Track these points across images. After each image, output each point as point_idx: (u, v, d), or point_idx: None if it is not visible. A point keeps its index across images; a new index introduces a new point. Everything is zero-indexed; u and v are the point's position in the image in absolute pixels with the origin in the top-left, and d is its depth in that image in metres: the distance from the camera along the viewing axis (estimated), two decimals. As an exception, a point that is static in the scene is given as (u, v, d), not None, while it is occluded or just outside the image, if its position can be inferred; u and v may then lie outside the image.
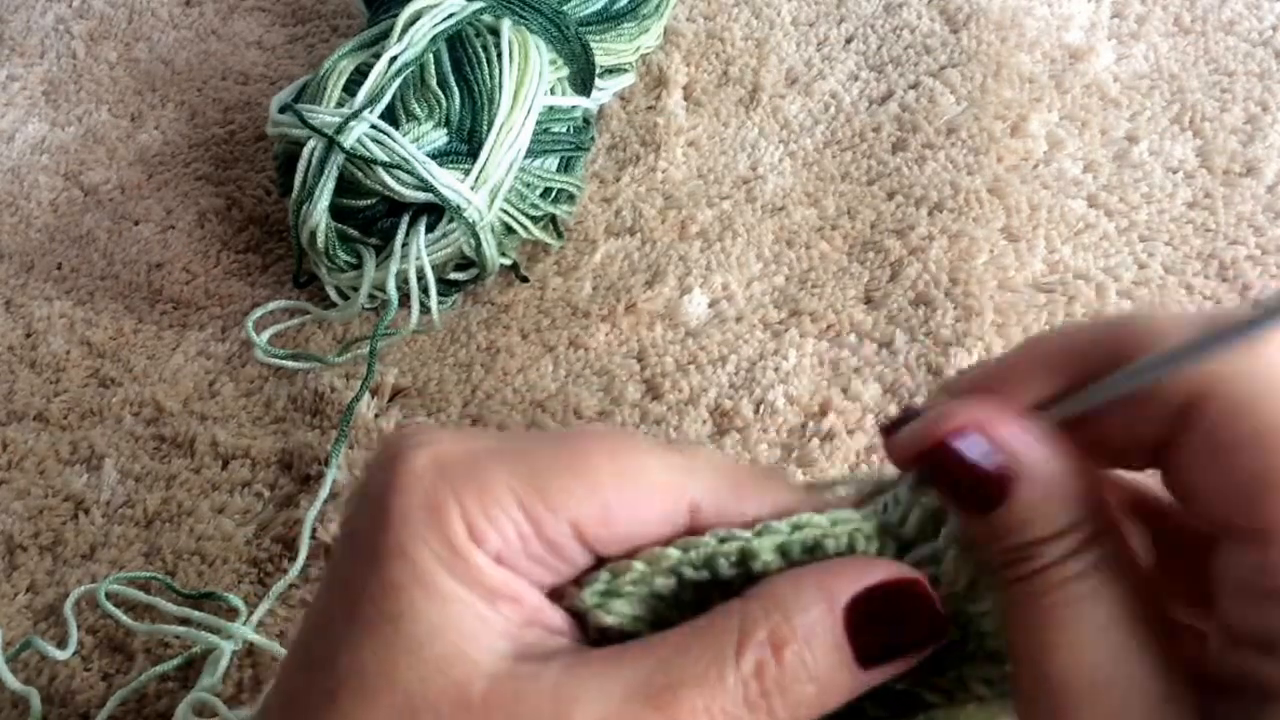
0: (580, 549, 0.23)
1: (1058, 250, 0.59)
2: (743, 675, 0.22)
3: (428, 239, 0.57)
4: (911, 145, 0.65)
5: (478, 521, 0.22)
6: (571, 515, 0.23)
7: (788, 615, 0.22)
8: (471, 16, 0.61)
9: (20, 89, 0.78)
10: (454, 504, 0.22)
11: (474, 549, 0.22)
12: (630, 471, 0.23)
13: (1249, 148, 0.63)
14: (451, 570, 0.22)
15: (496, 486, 0.22)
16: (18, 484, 0.56)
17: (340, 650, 0.22)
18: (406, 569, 0.22)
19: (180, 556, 0.52)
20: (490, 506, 0.22)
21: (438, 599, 0.22)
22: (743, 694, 0.21)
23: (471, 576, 0.22)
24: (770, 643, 0.22)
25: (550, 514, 0.23)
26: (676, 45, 0.73)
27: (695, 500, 0.24)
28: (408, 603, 0.22)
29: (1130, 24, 0.71)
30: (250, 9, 0.82)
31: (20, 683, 0.48)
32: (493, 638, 0.22)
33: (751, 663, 0.22)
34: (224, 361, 0.60)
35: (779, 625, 0.22)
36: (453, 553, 0.22)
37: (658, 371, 0.56)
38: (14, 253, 0.68)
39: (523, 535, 0.23)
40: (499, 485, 0.22)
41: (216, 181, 0.70)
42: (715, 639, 0.22)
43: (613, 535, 0.23)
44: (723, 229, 0.63)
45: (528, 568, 0.23)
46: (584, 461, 0.23)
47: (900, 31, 0.72)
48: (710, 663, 0.22)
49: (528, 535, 0.23)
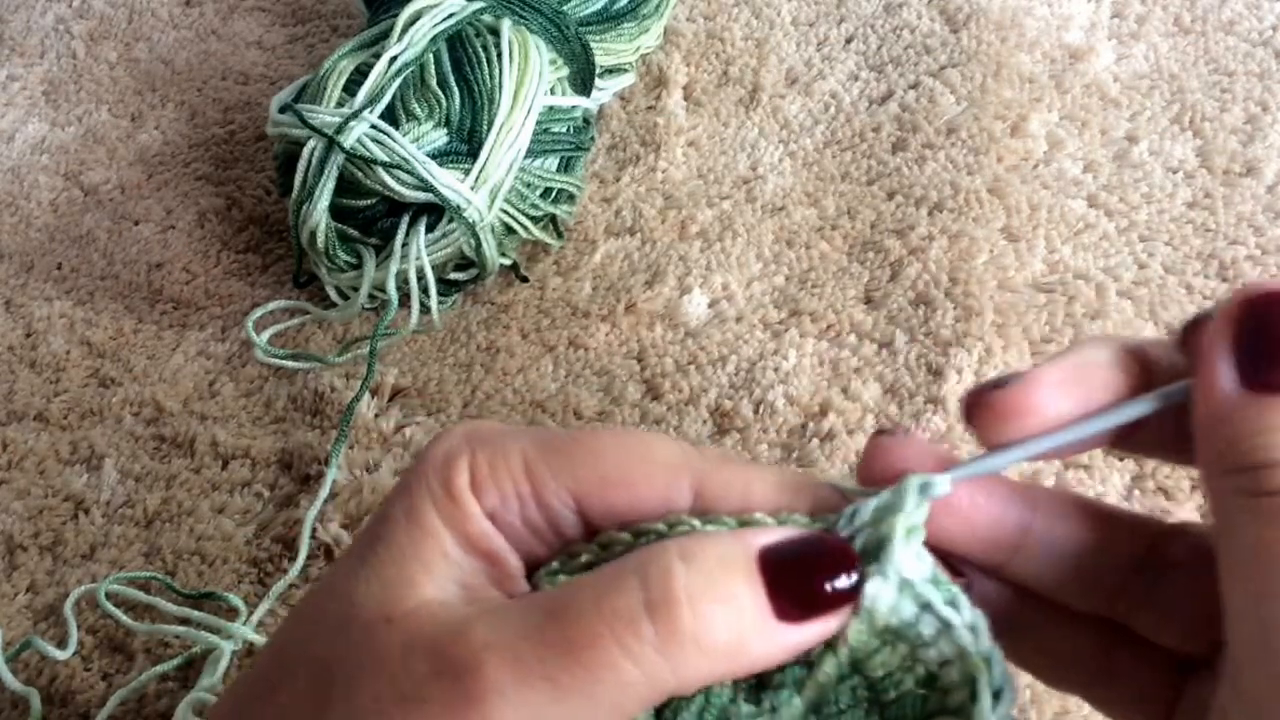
0: (576, 522, 0.24)
1: (1058, 250, 0.59)
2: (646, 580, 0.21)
3: (428, 239, 0.57)
4: (911, 145, 0.65)
5: (481, 474, 0.23)
6: (570, 481, 0.23)
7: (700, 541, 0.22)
8: (471, 16, 0.61)
9: (20, 89, 0.78)
10: (465, 457, 0.23)
11: (469, 497, 0.23)
12: (634, 448, 0.24)
13: (1249, 148, 0.63)
14: (439, 509, 0.23)
15: (509, 448, 0.23)
16: (18, 484, 0.56)
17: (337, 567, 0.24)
18: (403, 503, 0.23)
19: (180, 556, 0.52)
20: (497, 463, 0.23)
21: (416, 530, 0.23)
22: (643, 596, 0.21)
23: (455, 519, 0.23)
24: (679, 555, 0.21)
25: (552, 478, 0.23)
26: (676, 45, 0.73)
27: (697, 484, 0.24)
28: (391, 530, 0.23)
29: (1130, 24, 0.71)
30: (250, 9, 0.82)
31: (20, 683, 0.48)
32: (447, 578, 0.23)
33: (659, 570, 0.21)
34: (224, 361, 0.60)
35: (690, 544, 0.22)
36: (447, 495, 0.23)
37: (658, 371, 0.56)
38: (14, 253, 0.68)
39: (521, 496, 0.23)
40: (511, 448, 0.23)
41: (216, 181, 0.70)
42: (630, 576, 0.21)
43: (609, 508, 0.23)
44: (723, 229, 0.63)
45: (521, 534, 0.23)
46: (593, 438, 0.24)
47: (900, 31, 0.72)
48: (613, 574, 0.21)
49: (525, 496, 0.23)
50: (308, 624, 0.24)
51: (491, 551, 0.23)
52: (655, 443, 0.24)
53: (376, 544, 0.23)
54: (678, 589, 0.21)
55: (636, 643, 0.20)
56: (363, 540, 0.24)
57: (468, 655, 0.20)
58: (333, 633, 0.22)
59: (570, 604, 0.21)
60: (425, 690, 0.20)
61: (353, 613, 0.22)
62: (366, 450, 0.55)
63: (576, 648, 0.20)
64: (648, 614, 0.20)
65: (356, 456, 0.54)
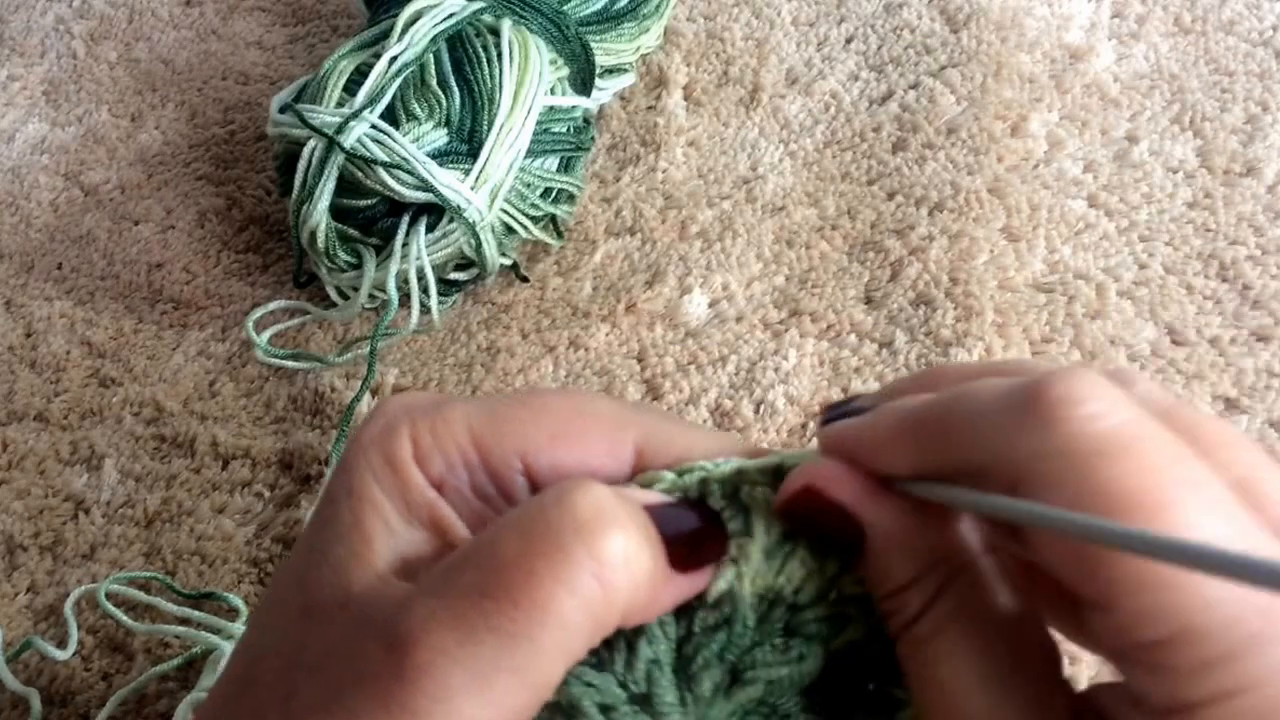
0: (525, 485, 0.23)
1: (1058, 250, 0.59)
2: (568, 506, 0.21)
3: (428, 239, 0.57)
4: (911, 145, 0.65)
5: (424, 443, 0.23)
6: (518, 443, 0.23)
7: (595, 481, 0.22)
8: (471, 16, 0.61)
9: (20, 89, 0.78)
10: (406, 428, 0.23)
11: (411, 466, 0.23)
12: (579, 406, 0.24)
13: (1249, 148, 0.63)
14: (380, 480, 0.23)
15: (452, 416, 0.23)
16: (18, 484, 0.56)
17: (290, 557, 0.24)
18: (344, 479, 0.23)
19: (180, 556, 0.52)
20: (440, 431, 0.23)
21: (357, 505, 0.23)
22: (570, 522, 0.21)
23: (397, 488, 0.23)
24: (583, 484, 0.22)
25: (498, 442, 0.23)
26: (676, 45, 0.73)
27: (640, 439, 0.24)
28: (334, 510, 0.23)
29: (1130, 24, 0.71)
30: (250, 9, 0.82)
31: (20, 683, 0.48)
32: (392, 551, 0.23)
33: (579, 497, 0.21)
34: (224, 361, 0.60)
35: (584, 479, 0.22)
36: (388, 466, 0.23)
37: (658, 372, 0.56)
38: (14, 253, 0.68)
39: (469, 464, 0.23)
40: (455, 416, 0.23)
41: (216, 181, 0.70)
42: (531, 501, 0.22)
43: (558, 466, 0.23)
44: (723, 229, 0.63)
45: (469, 502, 0.23)
46: (537, 399, 0.24)
47: (900, 31, 0.72)
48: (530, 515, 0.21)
49: (474, 464, 0.23)
50: (272, 617, 0.24)
51: (437, 519, 0.23)
52: (598, 399, 0.24)
53: (323, 527, 0.23)
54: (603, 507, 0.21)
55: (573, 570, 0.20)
56: (313, 523, 0.24)
57: (413, 626, 0.21)
58: (294, 623, 0.23)
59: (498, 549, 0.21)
60: (378, 667, 0.21)
61: (308, 601, 0.23)
62: (366, 450, 0.55)
63: (515, 591, 0.20)
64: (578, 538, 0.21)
65: (357, 456, 0.54)
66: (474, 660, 0.20)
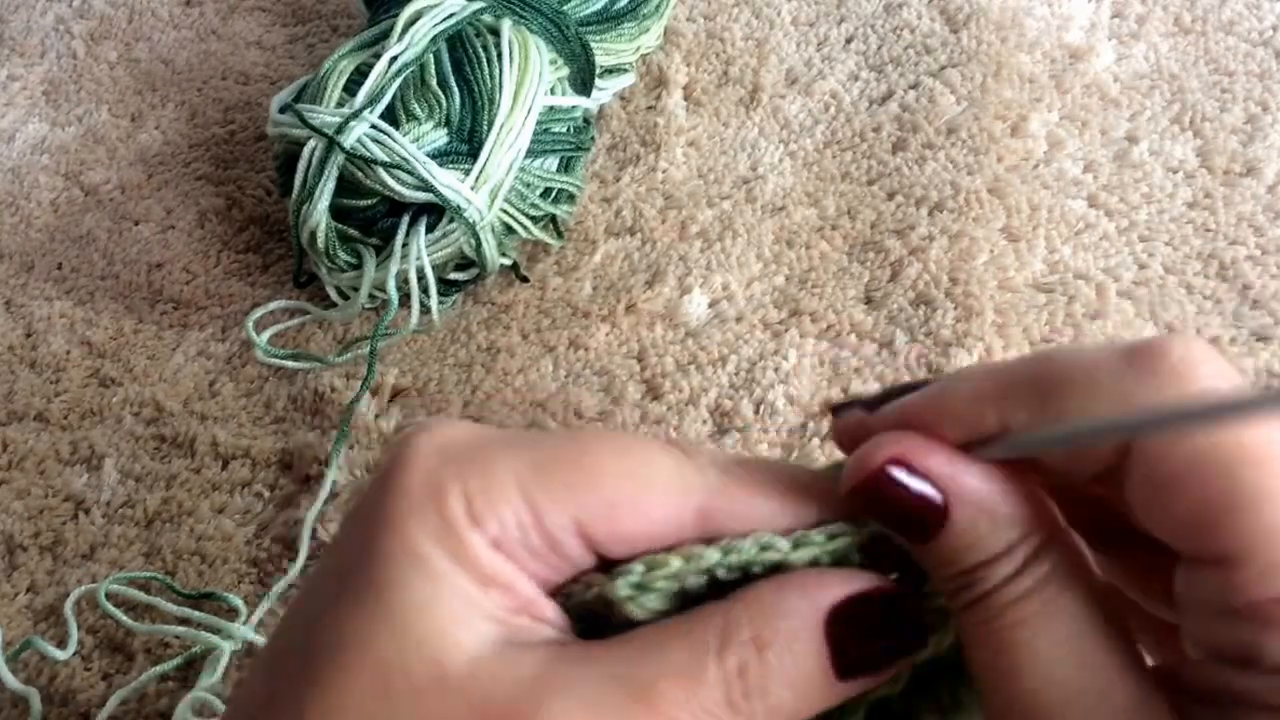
0: (580, 546, 0.23)
1: (1058, 250, 0.59)
2: (725, 673, 0.21)
3: (428, 239, 0.57)
4: (911, 145, 0.65)
5: (477, 504, 0.22)
6: (574, 509, 0.22)
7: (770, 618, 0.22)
8: (471, 16, 0.61)
9: (20, 89, 0.78)
10: (456, 484, 0.22)
11: (470, 531, 0.22)
12: (637, 470, 0.23)
13: (1249, 148, 0.63)
14: (445, 548, 0.21)
15: (500, 472, 0.22)
16: (18, 484, 0.56)
17: (324, 615, 0.22)
18: (399, 542, 0.22)
19: (180, 556, 0.52)
20: (492, 491, 0.22)
21: (427, 575, 0.21)
22: (724, 692, 0.21)
23: (465, 557, 0.22)
24: (753, 643, 0.22)
25: (553, 506, 0.22)
26: (676, 45, 0.73)
27: (703, 504, 0.23)
28: (397, 574, 0.21)
29: (1130, 24, 0.70)
30: (250, 9, 0.82)
31: (20, 683, 0.48)
32: (479, 620, 0.22)
33: (734, 661, 0.21)
34: (224, 361, 0.60)
35: (762, 627, 0.22)
36: (448, 532, 0.22)
37: (658, 372, 0.56)
38: (14, 253, 0.68)
39: (522, 524, 0.22)
40: (503, 471, 0.22)
41: (216, 181, 0.70)
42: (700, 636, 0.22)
43: (615, 535, 0.23)
44: (723, 229, 0.63)
45: (525, 559, 0.22)
46: (592, 457, 0.23)
47: (900, 31, 0.72)
48: (693, 658, 0.21)
49: (527, 525, 0.22)
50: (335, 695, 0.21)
51: (504, 581, 0.22)
52: (654, 459, 0.23)
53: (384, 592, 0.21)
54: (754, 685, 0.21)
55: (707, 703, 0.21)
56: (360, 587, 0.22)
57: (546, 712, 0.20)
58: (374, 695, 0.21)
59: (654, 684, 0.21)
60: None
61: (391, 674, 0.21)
62: (367, 450, 0.55)
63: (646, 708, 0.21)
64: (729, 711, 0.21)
65: (357, 457, 0.54)
66: None
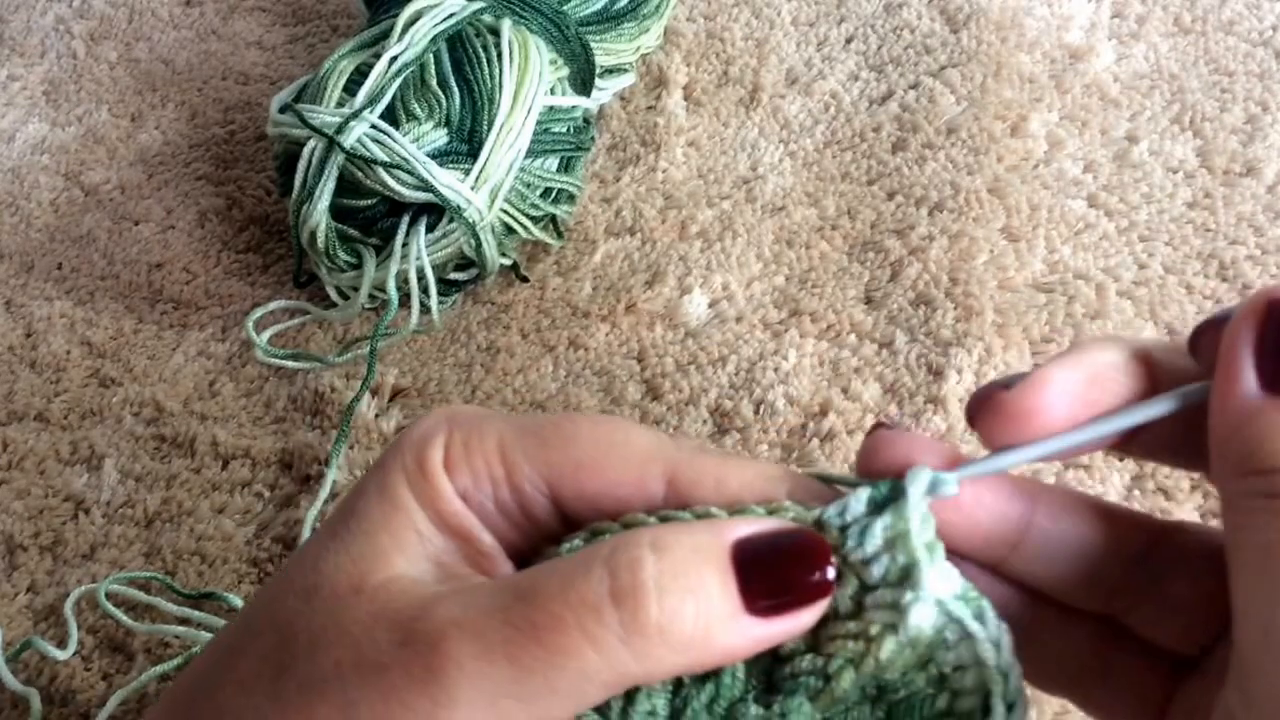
0: (547, 506, 0.23)
1: (1058, 250, 0.59)
2: (613, 566, 0.21)
3: (428, 239, 0.58)
4: (911, 145, 0.65)
5: (455, 454, 0.23)
6: (543, 465, 0.23)
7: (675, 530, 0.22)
8: (471, 16, 0.61)
9: (20, 89, 0.78)
10: (441, 435, 0.23)
11: (441, 474, 0.23)
12: (609, 435, 0.24)
13: (1249, 148, 0.63)
14: (412, 486, 0.23)
15: (486, 432, 0.23)
16: (18, 484, 0.56)
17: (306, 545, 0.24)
18: (376, 479, 0.24)
19: (180, 556, 0.52)
20: (472, 444, 0.23)
21: (389, 505, 0.23)
22: (609, 584, 0.20)
23: (428, 497, 0.23)
24: (650, 545, 0.21)
25: (524, 462, 0.23)
26: (676, 45, 0.73)
27: (672, 472, 0.23)
28: (363, 505, 0.23)
29: (1130, 24, 0.71)
30: (250, 9, 0.82)
31: (20, 683, 0.48)
32: (422, 558, 0.23)
33: (627, 557, 0.21)
34: (224, 361, 0.60)
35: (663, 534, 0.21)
36: (420, 472, 0.23)
37: (658, 372, 0.56)
38: (14, 253, 0.68)
39: (494, 478, 0.23)
40: (488, 432, 0.23)
41: (216, 181, 0.70)
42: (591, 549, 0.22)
43: (581, 493, 0.23)
44: (723, 229, 0.63)
45: (492, 516, 0.23)
46: (570, 425, 0.24)
47: (900, 31, 0.72)
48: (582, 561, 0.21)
49: (499, 479, 0.23)
50: (274, 594, 0.23)
51: (464, 530, 0.23)
52: (631, 430, 0.24)
53: (349, 518, 0.23)
54: (645, 578, 0.20)
55: (601, 630, 0.20)
56: (336, 516, 0.24)
57: (431, 629, 0.20)
58: (298, 600, 0.22)
59: (538, 587, 0.21)
60: (386, 658, 0.21)
61: (319, 582, 0.22)
62: (367, 450, 0.55)
63: (540, 630, 0.20)
64: (613, 602, 0.20)
65: (357, 457, 0.54)
66: (485, 679, 0.20)
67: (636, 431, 0.24)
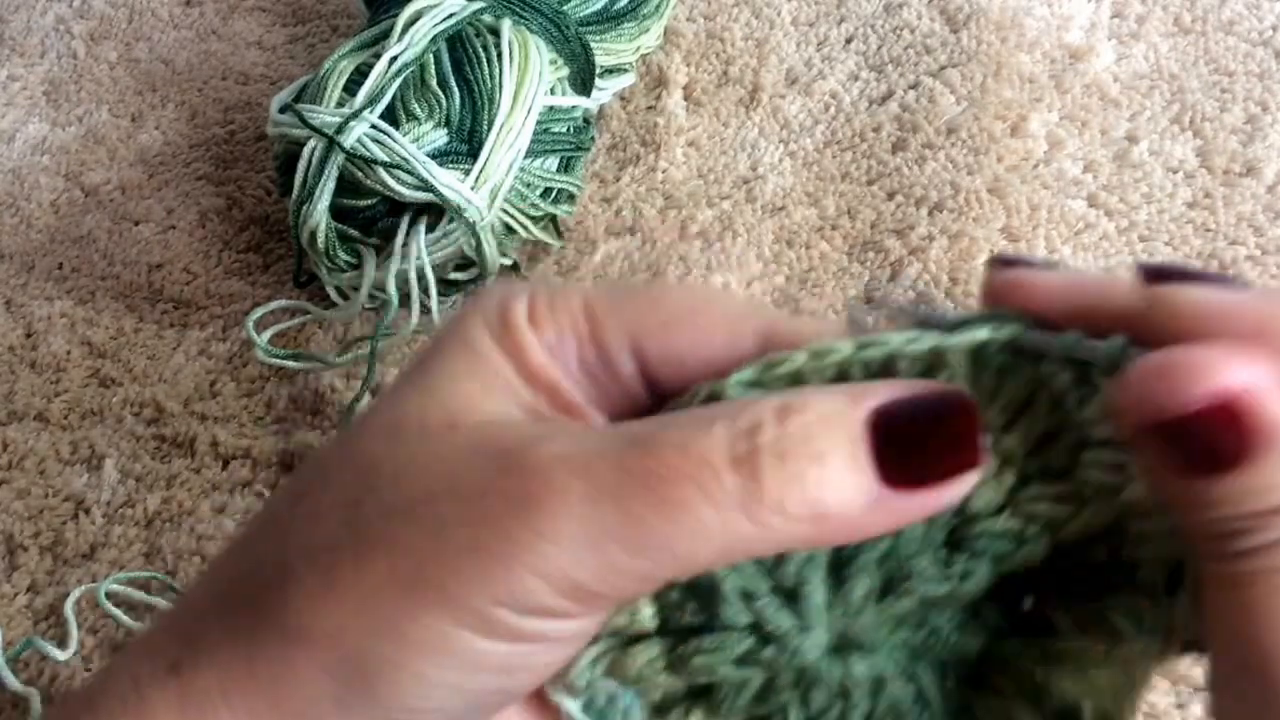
0: (633, 367, 0.22)
1: (1058, 250, 0.59)
2: (734, 428, 0.19)
3: (428, 239, 0.58)
4: (911, 145, 0.65)
5: (540, 310, 0.22)
6: (630, 325, 0.22)
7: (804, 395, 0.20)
8: (471, 16, 0.61)
9: (20, 89, 0.78)
10: (524, 295, 0.22)
11: (527, 329, 0.22)
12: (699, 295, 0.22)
13: (1249, 148, 0.63)
14: (497, 338, 0.22)
15: (570, 292, 0.22)
16: (18, 484, 0.56)
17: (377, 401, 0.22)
18: (458, 334, 0.22)
19: (181, 556, 0.52)
20: (556, 302, 0.22)
21: (473, 355, 0.22)
22: (729, 445, 0.19)
23: (516, 351, 0.21)
24: (776, 411, 0.19)
25: (610, 320, 0.22)
26: (676, 45, 0.73)
27: (765, 331, 0.22)
28: (446, 356, 0.22)
29: (1130, 24, 0.71)
30: (250, 9, 0.82)
31: (21, 683, 0.48)
32: (511, 404, 0.21)
33: (749, 420, 0.19)
34: (224, 361, 0.60)
35: (791, 399, 0.19)
36: (504, 326, 0.22)
37: (658, 371, 0.56)
38: (14, 253, 0.68)
39: (579, 334, 0.22)
40: (572, 292, 0.22)
41: (217, 181, 0.70)
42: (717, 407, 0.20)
43: (669, 351, 0.22)
44: (723, 229, 0.63)
45: (577, 375, 0.22)
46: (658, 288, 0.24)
47: (900, 31, 0.72)
48: (704, 417, 0.20)
49: (584, 336, 0.22)
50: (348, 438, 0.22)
51: (552, 383, 0.21)
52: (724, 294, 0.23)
53: (430, 368, 0.22)
54: (764, 443, 0.19)
55: (719, 491, 0.19)
56: (413, 368, 0.22)
57: (539, 461, 0.19)
58: (380, 439, 0.21)
59: (656, 436, 0.19)
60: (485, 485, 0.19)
61: (405, 420, 0.21)
62: (367, 450, 0.55)
63: (655, 479, 0.19)
64: (731, 465, 0.19)
65: (357, 456, 0.54)
66: (592, 520, 0.19)
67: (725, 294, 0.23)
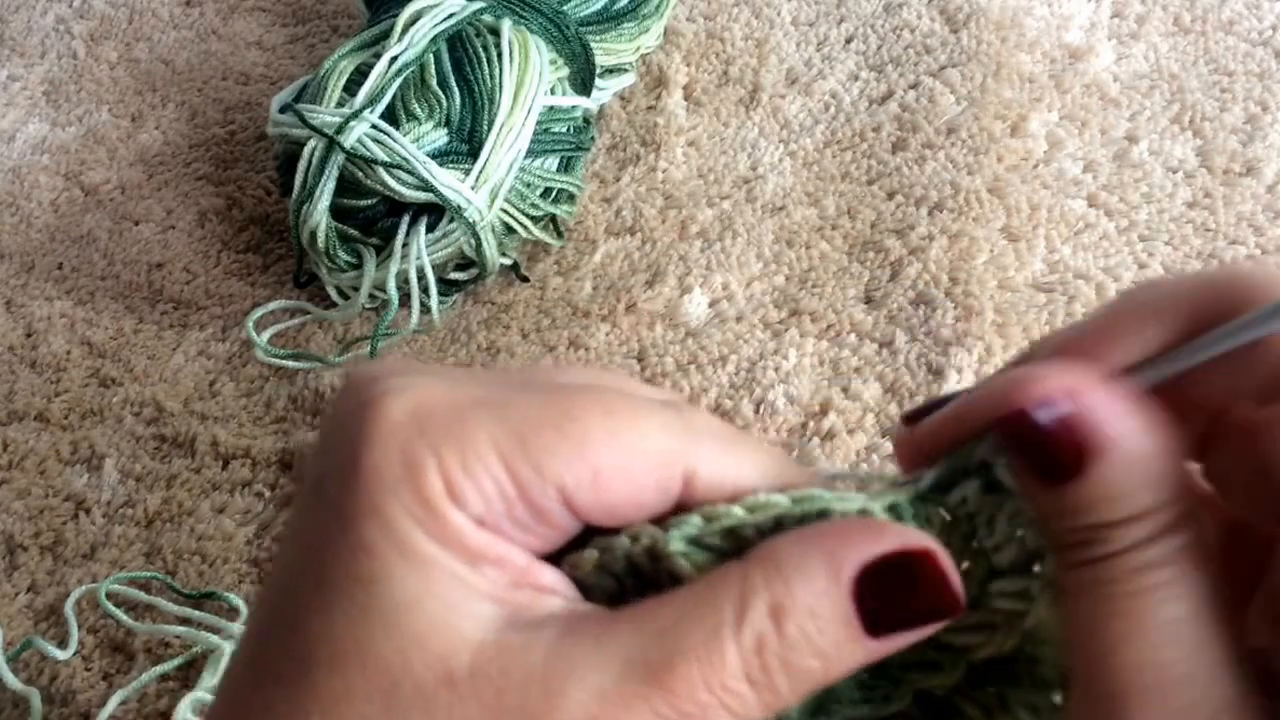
0: (567, 515, 0.21)
1: (1058, 250, 0.59)
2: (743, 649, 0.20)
3: (428, 239, 0.58)
4: (911, 145, 0.65)
5: (457, 479, 0.20)
6: (558, 478, 0.21)
7: (790, 585, 0.21)
8: (471, 16, 0.61)
9: (21, 89, 0.78)
10: (432, 460, 0.20)
11: (452, 509, 0.20)
12: (624, 433, 0.21)
13: (1249, 148, 0.63)
14: (428, 531, 0.20)
15: (479, 442, 0.20)
16: (18, 484, 0.56)
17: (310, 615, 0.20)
18: (379, 529, 0.20)
19: (181, 556, 0.52)
20: (471, 464, 0.20)
21: (415, 562, 0.20)
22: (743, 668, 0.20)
23: (450, 538, 0.20)
24: (771, 615, 0.20)
25: (536, 476, 0.21)
26: (676, 45, 0.73)
27: (691, 469, 0.22)
28: (381, 566, 0.20)
29: (1130, 24, 0.71)
30: (250, 9, 0.82)
31: (21, 683, 0.48)
32: (476, 603, 0.20)
33: (752, 636, 0.20)
34: (224, 361, 0.60)
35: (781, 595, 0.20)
36: (429, 513, 0.20)
37: (658, 371, 0.56)
38: (15, 253, 0.68)
39: (506, 497, 0.20)
40: (481, 441, 0.20)
41: (217, 181, 0.70)
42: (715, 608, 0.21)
43: (601, 502, 0.21)
44: (723, 229, 0.63)
45: (511, 531, 0.21)
46: (575, 420, 0.21)
47: (900, 31, 0.72)
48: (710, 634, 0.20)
49: (511, 498, 0.21)
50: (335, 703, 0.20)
51: (496, 558, 0.21)
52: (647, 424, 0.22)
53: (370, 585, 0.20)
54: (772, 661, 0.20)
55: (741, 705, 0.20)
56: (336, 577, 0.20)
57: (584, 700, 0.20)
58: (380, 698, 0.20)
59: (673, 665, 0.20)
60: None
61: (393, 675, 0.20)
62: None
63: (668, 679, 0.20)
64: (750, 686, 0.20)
65: (357, 456, 0.54)
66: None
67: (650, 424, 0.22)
